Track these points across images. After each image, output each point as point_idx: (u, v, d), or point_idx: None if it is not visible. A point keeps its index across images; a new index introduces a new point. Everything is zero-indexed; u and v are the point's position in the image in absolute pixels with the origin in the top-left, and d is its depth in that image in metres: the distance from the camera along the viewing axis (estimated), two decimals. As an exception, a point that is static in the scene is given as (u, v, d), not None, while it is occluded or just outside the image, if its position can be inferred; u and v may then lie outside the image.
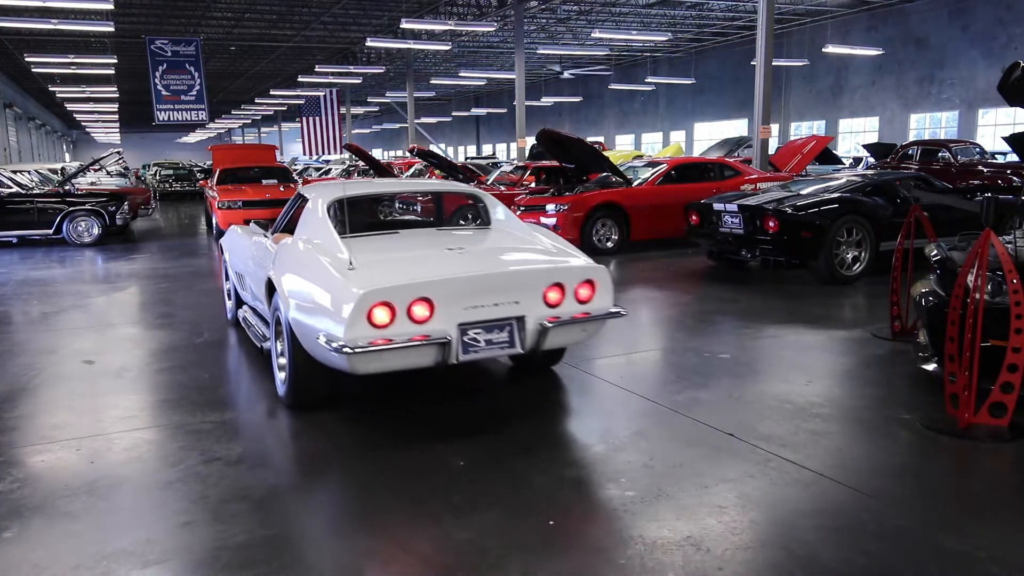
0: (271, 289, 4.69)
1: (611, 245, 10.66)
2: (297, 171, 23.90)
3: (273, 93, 41.16)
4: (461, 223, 8.17)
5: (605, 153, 15.91)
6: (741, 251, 8.31)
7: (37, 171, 16.86)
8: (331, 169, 25.78)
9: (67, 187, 14.17)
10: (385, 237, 4.96)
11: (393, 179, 13.04)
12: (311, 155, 35.85)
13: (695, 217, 8.95)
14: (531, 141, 19.24)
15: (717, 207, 8.50)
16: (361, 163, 20.27)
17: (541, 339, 4.14)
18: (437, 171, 16.93)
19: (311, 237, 4.63)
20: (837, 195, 8.09)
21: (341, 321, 3.76)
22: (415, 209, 11.93)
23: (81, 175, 17.44)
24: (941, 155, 17.04)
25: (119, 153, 22.14)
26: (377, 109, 55.96)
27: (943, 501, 3.20)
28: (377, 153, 62.34)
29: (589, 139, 22.66)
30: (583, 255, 4.57)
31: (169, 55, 22.57)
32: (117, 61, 25.49)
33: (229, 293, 6.67)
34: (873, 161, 19.63)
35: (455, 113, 53.94)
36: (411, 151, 18.31)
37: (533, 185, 13.69)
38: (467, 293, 3.97)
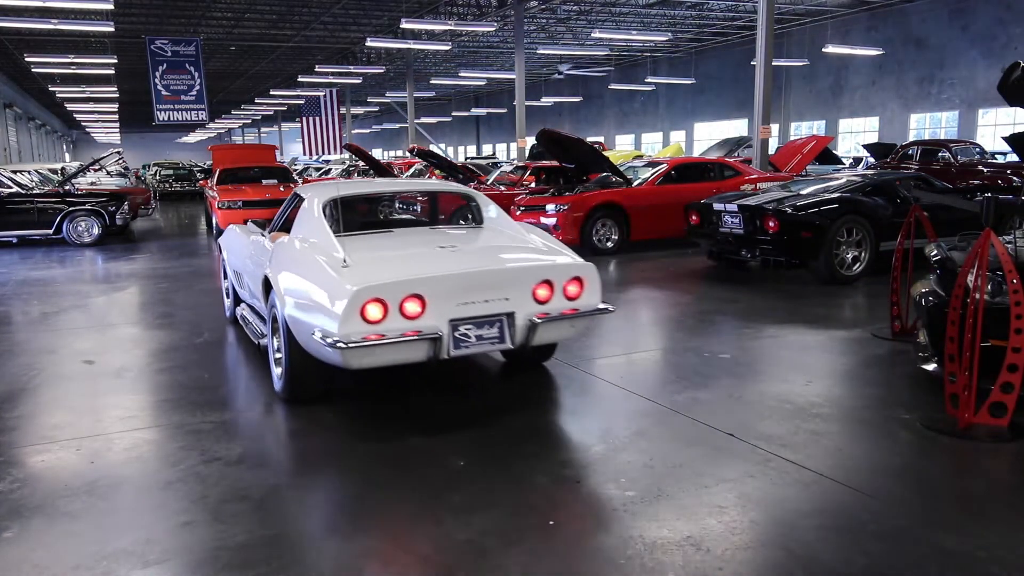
0: (268, 287, 4.76)
1: (611, 245, 10.66)
2: (297, 171, 23.90)
3: (273, 93, 41.17)
4: (461, 223, 8.19)
5: (605, 153, 15.90)
6: (741, 251, 8.32)
7: (37, 171, 16.86)
8: (331, 169, 25.78)
9: (67, 187, 14.17)
10: (379, 236, 5.02)
11: (388, 179, 13.05)
12: (311, 155, 35.83)
13: (695, 217, 8.96)
14: (531, 141, 19.23)
15: (717, 207, 8.50)
16: (361, 163, 20.28)
17: (530, 335, 4.20)
18: (437, 171, 16.93)
19: (307, 236, 4.69)
20: (837, 195, 8.09)
21: (335, 317, 3.83)
22: (414, 209, 11.96)
23: (81, 175, 17.45)
24: (941, 155, 17.04)
25: (119, 153, 22.15)
26: (377, 109, 55.97)
27: (943, 501, 3.20)
28: (377, 153, 62.29)
29: (589, 139, 22.64)
30: (572, 253, 4.64)
31: (169, 55, 22.57)
32: (117, 61, 25.50)
33: (227, 291, 6.75)
34: (873, 161, 19.63)
35: (455, 113, 53.94)
36: (411, 151, 18.31)
37: (533, 185, 13.69)
38: (458, 290, 4.04)
